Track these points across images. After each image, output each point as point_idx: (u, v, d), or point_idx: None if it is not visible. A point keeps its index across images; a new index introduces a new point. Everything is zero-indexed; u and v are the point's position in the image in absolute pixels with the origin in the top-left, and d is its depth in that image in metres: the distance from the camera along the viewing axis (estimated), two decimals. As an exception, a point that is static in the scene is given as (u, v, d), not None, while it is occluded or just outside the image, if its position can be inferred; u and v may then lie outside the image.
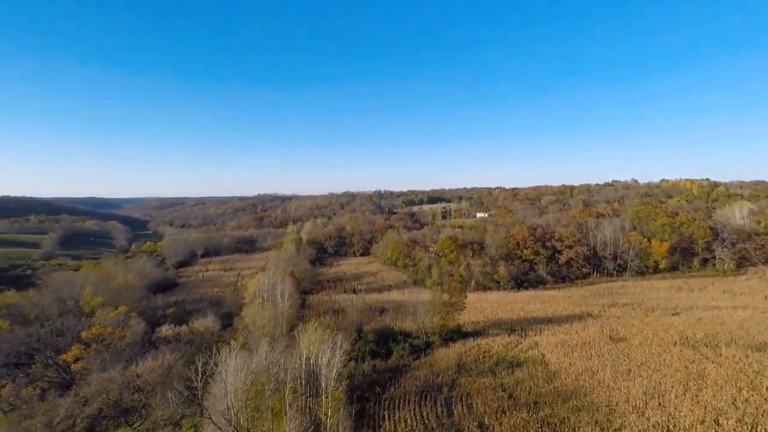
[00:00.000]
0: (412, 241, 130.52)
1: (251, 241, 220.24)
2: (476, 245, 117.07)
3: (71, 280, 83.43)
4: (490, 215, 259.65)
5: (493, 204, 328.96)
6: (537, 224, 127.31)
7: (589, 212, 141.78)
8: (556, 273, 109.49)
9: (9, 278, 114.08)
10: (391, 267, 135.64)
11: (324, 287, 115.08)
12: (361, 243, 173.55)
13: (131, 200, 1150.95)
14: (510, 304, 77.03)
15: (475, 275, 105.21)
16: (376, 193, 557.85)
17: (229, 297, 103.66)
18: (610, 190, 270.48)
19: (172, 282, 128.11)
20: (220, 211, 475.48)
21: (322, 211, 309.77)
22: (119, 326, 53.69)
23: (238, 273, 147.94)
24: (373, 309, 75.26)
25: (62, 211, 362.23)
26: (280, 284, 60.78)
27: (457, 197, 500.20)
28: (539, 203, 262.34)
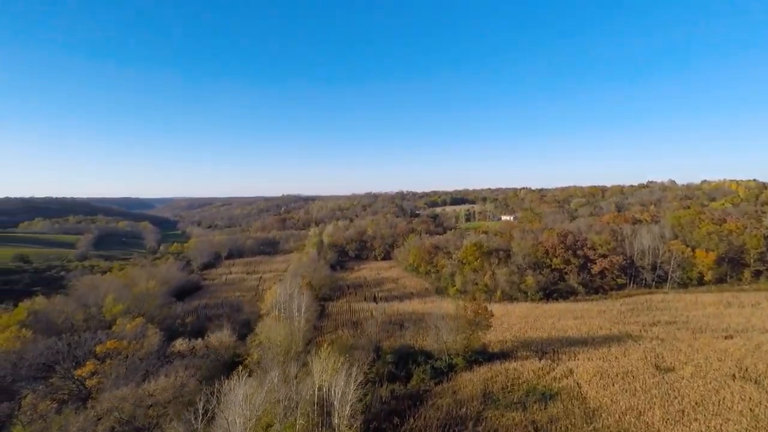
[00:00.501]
0: (435, 247, 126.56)
1: (274, 242, 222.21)
2: (502, 252, 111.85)
3: (97, 284, 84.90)
4: (516, 218, 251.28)
5: (519, 206, 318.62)
6: (567, 231, 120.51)
7: (624, 218, 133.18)
8: (589, 283, 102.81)
9: (44, 279, 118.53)
10: (412, 273, 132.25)
11: (344, 293, 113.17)
12: (382, 247, 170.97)
13: (163, 200, 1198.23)
14: (539, 320, 72.06)
15: (501, 285, 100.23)
16: (398, 194, 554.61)
17: (249, 303, 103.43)
18: (646, 192, 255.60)
19: (196, 285, 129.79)
20: (245, 212, 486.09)
21: (344, 213, 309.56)
22: (136, 338, 53.20)
23: (260, 276, 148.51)
24: (392, 322, 72.19)
25: (99, 212, 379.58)
26: (297, 297, 58.87)
27: (481, 198, 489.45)
28: (568, 206, 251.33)
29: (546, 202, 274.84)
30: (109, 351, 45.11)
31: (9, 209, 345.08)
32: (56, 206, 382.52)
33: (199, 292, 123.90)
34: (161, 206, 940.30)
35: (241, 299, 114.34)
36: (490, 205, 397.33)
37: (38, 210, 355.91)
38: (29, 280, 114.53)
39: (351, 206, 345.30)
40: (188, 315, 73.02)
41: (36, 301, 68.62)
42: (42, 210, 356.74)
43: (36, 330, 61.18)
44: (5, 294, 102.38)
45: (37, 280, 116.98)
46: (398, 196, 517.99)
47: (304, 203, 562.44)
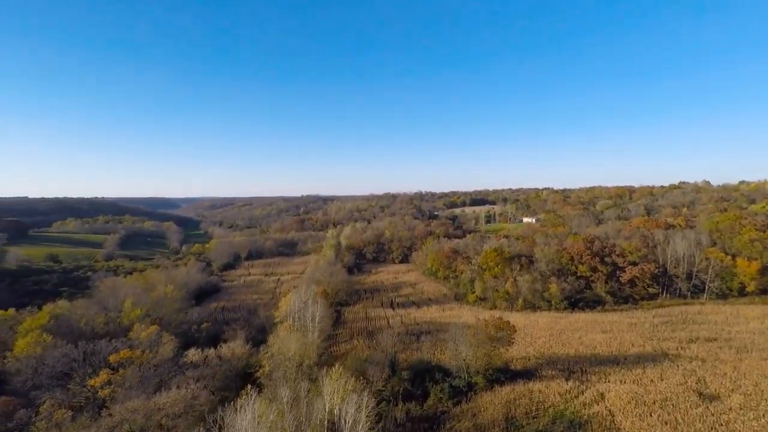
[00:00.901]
0: (454, 252, 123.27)
1: (292, 244, 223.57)
2: (524, 258, 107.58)
3: (118, 287, 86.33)
4: (538, 220, 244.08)
5: (541, 207, 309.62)
6: (594, 236, 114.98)
7: (656, 222, 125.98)
8: (617, 292, 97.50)
9: (72, 280, 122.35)
10: (430, 278, 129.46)
11: (361, 298, 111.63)
12: (400, 250, 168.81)
13: (188, 200, 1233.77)
14: (565, 332, 68.14)
15: (523, 292, 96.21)
16: (416, 195, 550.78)
17: (266, 307, 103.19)
18: (677, 194, 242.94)
19: (215, 287, 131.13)
20: (265, 212, 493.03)
21: (362, 214, 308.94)
22: (151, 346, 53.04)
23: (278, 279, 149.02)
24: (409, 332, 69.81)
25: (126, 212, 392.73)
26: (311, 306, 57.49)
27: (502, 199, 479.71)
28: (593, 208, 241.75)
29: (570, 204, 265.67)
30: (123, 360, 44.80)
31: (44, 209, 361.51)
32: (87, 206, 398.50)
33: (218, 294, 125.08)
34: (186, 206, 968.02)
35: (258, 302, 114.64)
36: (510, 206, 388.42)
37: (70, 210, 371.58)
38: (57, 280, 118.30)
39: (369, 207, 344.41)
40: (204, 320, 72.87)
41: (59, 304, 70.05)
42: (74, 210, 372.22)
43: (57, 334, 62.20)
44: (35, 294, 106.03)
45: (65, 280, 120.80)
46: (417, 197, 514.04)
47: (323, 204, 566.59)
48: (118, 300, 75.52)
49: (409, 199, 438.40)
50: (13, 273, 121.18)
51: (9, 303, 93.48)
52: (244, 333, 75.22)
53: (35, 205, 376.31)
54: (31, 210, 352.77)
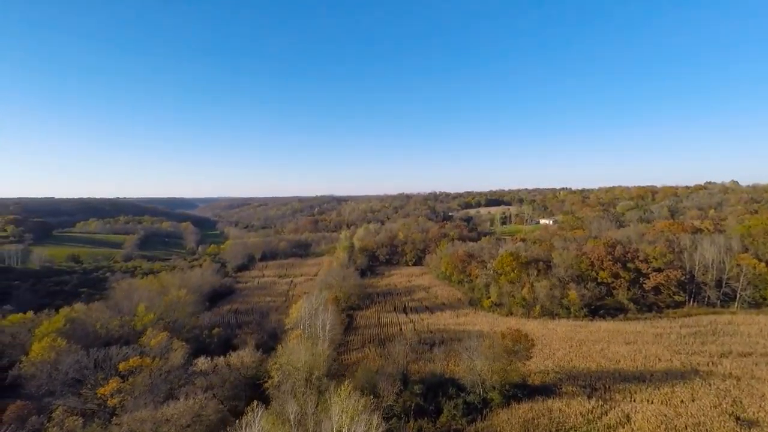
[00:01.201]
0: (468, 256, 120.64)
1: (306, 244, 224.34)
2: (542, 263, 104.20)
3: (134, 290, 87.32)
4: (556, 222, 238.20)
5: (559, 209, 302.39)
6: (615, 240, 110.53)
7: (682, 226, 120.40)
8: (640, 300, 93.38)
9: (91, 281, 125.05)
10: (444, 282, 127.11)
11: (373, 302, 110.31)
12: (413, 252, 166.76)
13: (205, 200, 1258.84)
14: (586, 344, 65.13)
15: (541, 299, 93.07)
16: (431, 195, 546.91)
17: (278, 311, 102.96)
18: (704, 195, 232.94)
19: (229, 289, 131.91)
20: (280, 212, 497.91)
21: (376, 215, 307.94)
22: (161, 353, 52.85)
23: (291, 280, 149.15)
24: (422, 341, 67.92)
25: (145, 213, 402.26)
26: (322, 314, 56.38)
27: (518, 200, 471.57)
28: (614, 209, 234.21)
29: (588, 205, 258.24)
30: (132, 369, 44.57)
31: (68, 209, 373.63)
32: (109, 207, 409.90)
33: (231, 296, 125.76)
34: (203, 206, 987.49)
35: (271, 304, 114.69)
36: (527, 207, 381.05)
37: (93, 210, 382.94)
38: (77, 281, 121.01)
39: (383, 208, 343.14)
40: (216, 325, 72.69)
41: (75, 308, 70.99)
42: (97, 210, 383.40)
43: (73, 338, 62.90)
44: (55, 295, 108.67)
45: (84, 281, 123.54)
46: (431, 197, 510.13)
47: (337, 204, 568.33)
48: (132, 303, 76.16)
49: (423, 200, 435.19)
50: (35, 273, 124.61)
51: (30, 303, 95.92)
52: (256, 338, 74.84)
53: (60, 206, 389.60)
54: (56, 210, 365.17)
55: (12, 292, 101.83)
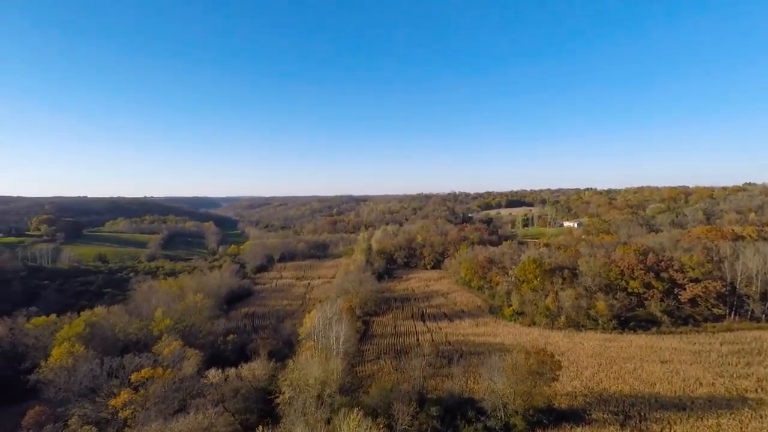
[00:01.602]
0: (489, 261, 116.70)
1: (324, 246, 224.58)
2: (567, 271, 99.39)
3: (153, 293, 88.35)
4: (580, 225, 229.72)
5: (584, 211, 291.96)
6: (647, 247, 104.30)
7: (720, 233, 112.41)
8: (675, 312, 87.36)
9: (115, 281, 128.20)
10: (463, 287, 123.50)
11: (390, 307, 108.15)
12: (432, 255, 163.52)
13: (229, 199, 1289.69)
14: (616, 362, 60.80)
15: (566, 309, 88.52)
16: (450, 195, 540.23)
17: (295, 315, 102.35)
18: (743, 197, 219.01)
19: (247, 291, 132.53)
20: (299, 212, 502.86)
21: (394, 216, 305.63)
22: (174, 363, 52.36)
23: (309, 283, 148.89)
24: (440, 354, 65.13)
25: (170, 212, 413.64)
26: (336, 325, 54.61)
27: (540, 200, 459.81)
28: (643, 212, 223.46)
29: (616, 207, 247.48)
30: (143, 380, 44.03)
31: (98, 209, 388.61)
32: (136, 206, 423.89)
33: (249, 299, 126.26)
34: (226, 205, 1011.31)
35: (288, 308, 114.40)
36: (550, 208, 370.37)
37: (122, 210, 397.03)
38: (102, 281, 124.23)
39: (401, 209, 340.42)
40: (231, 331, 72.23)
41: (95, 312, 71.97)
42: (125, 210, 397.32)
43: (92, 342, 63.60)
44: (80, 295, 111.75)
45: (109, 281, 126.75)
46: (450, 198, 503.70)
47: (356, 204, 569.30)
48: (150, 307, 76.76)
49: (442, 201, 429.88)
50: (64, 273, 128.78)
51: (57, 304, 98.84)
52: (271, 344, 74.14)
53: (91, 205, 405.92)
54: (87, 209, 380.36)
55: (40, 292, 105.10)
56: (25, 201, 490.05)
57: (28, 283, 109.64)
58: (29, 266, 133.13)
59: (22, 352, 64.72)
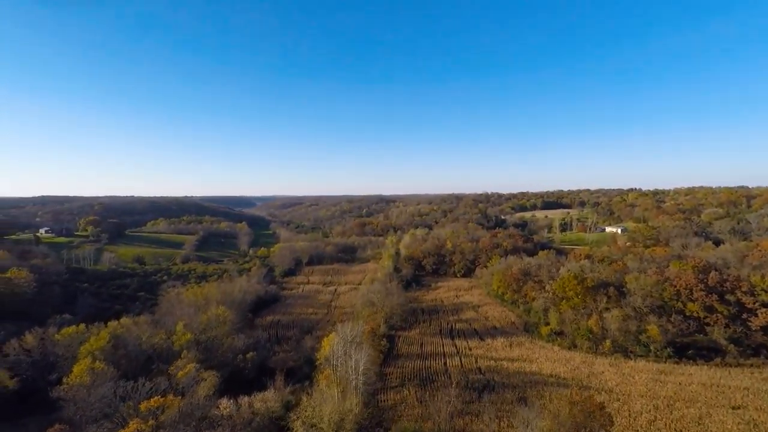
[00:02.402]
0: (524, 274, 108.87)
1: (352, 249, 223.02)
2: (612, 288, 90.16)
3: (179, 302, 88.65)
4: (625, 231, 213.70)
5: (628, 214, 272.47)
6: (708, 263, 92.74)
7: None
8: (743, 340, 76.50)
9: (148, 284, 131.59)
10: (495, 300, 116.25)
11: (417, 320, 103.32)
12: (462, 263, 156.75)
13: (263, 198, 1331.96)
14: (676, 405, 52.65)
15: (612, 332, 79.92)
16: (482, 196, 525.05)
17: (319, 325, 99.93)
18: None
19: (274, 297, 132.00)
20: (329, 213, 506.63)
21: (424, 219, 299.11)
22: (189, 385, 50.54)
23: (335, 289, 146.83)
24: (470, 385, 59.40)
25: (206, 212, 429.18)
26: (355, 354, 50.63)
27: (579, 202, 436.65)
28: (698, 218, 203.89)
29: (665, 212, 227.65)
30: (153, 409, 42.09)
31: (141, 209, 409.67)
32: (175, 207, 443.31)
33: (275, 305, 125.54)
34: (261, 204, 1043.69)
35: (312, 317, 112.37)
36: (590, 211, 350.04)
37: (162, 210, 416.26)
38: (136, 285, 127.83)
39: (431, 211, 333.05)
40: (251, 348, 70.24)
41: (121, 322, 72.37)
42: (165, 210, 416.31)
43: (117, 354, 63.51)
44: (115, 299, 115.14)
45: (143, 284, 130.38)
46: (482, 198, 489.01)
47: (385, 205, 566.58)
48: (175, 318, 76.51)
49: (473, 202, 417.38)
50: (102, 276, 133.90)
51: (92, 307, 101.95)
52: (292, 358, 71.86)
53: (135, 205, 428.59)
54: (131, 210, 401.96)
55: (78, 295, 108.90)
56: (79, 201, 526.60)
57: (69, 287, 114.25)
58: (72, 268, 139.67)
59: (53, 362, 65.85)
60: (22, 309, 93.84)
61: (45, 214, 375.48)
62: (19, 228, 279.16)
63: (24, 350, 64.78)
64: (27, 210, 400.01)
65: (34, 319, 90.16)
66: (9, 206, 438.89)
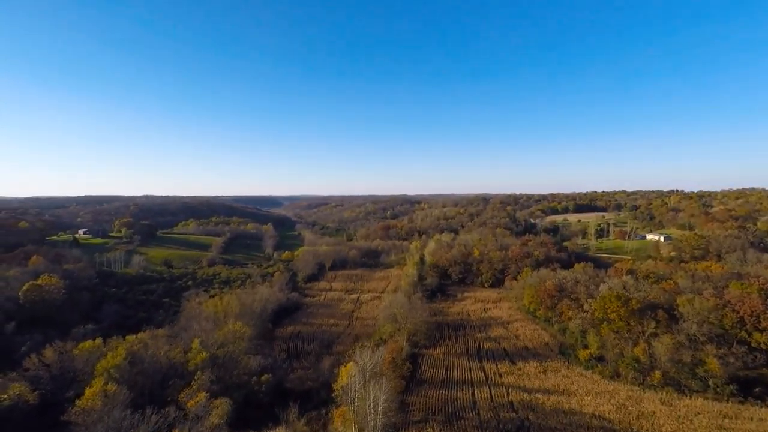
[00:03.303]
0: (559, 290, 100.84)
1: (376, 253, 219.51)
2: (661, 311, 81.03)
3: (199, 315, 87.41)
4: (668, 240, 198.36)
5: (671, 220, 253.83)
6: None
7: None
8: (823, 377, 66.28)
9: (174, 290, 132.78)
10: (527, 316, 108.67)
11: (443, 336, 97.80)
12: (490, 272, 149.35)
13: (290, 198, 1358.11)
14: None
15: (662, 363, 71.40)
16: (510, 197, 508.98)
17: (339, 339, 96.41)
18: None
19: (296, 304, 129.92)
20: (353, 215, 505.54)
21: (449, 223, 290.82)
22: (199, 414, 47.77)
23: (357, 297, 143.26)
24: (501, 425, 53.53)
25: (234, 213, 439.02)
26: (374, 389, 46.03)
27: (614, 205, 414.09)
28: (754, 226, 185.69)
29: (715, 219, 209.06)
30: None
31: (173, 210, 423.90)
32: (205, 208, 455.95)
33: (297, 314, 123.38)
34: (288, 204, 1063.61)
35: (333, 329, 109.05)
36: (628, 215, 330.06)
37: (192, 211, 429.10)
38: (162, 290, 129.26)
39: (457, 215, 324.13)
40: (266, 370, 67.22)
41: (139, 337, 71.34)
42: (195, 211, 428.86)
43: (130, 374, 62.09)
44: (140, 305, 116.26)
45: (168, 289, 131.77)
46: (510, 200, 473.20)
47: (410, 206, 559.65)
48: (193, 332, 74.98)
49: (501, 205, 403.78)
50: (130, 280, 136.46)
51: (116, 314, 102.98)
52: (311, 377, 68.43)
53: (168, 206, 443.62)
54: (164, 211, 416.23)
55: (104, 301, 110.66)
56: (119, 200, 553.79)
57: (98, 291, 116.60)
58: (103, 271, 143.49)
59: (72, 377, 65.46)
60: (51, 315, 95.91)
61: (86, 215, 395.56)
62: (62, 228, 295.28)
63: (43, 365, 64.65)
64: (70, 210, 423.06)
65: (62, 326, 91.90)
66: (55, 206, 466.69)
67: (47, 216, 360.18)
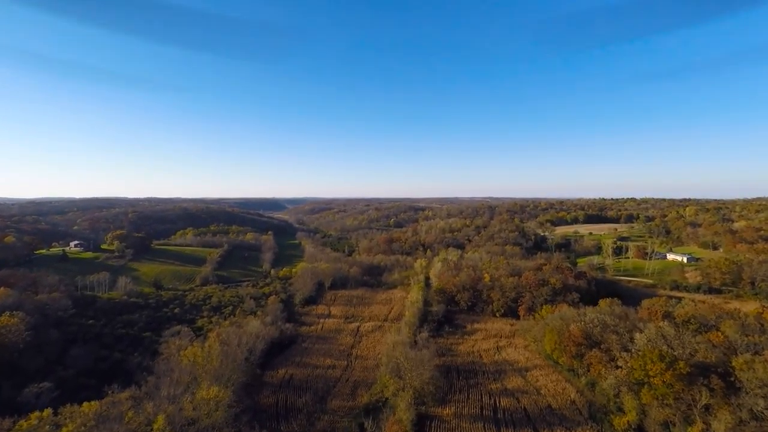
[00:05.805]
0: (586, 337, 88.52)
1: (378, 270, 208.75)
2: (715, 377, 68.55)
3: (173, 366, 76.29)
4: (691, 260, 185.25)
5: (691, 237, 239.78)
6: None
7: None
8: None
9: (156, 320, 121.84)
10: (548, 362, 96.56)
11: (452, 388, 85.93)
12: (502, 300, 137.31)
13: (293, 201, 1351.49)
14: None
15: (722, 447, 59.05)
16: (517, 205, 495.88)
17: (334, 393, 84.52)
18: None
19: (290, 338, 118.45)
20: (356, 222, 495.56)
21: (455, 236, 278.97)
22: None
23: (358, 326, 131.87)
24: None
25: (234, 220, 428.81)
26: None
27: (626, 216, 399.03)
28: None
29: (745, 240, 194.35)
30: None
31: (172, 217, 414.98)
32: (205, 215, 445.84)
33: (291, 349, 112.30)
34: (291, 207, 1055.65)
35: (329, 374, 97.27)
36: (642, 227, 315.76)
37: (192, 218, 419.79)
38: (144, 321, 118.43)
39: (463, 227, 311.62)
40: None
41: (95, 410, 59.67)
42: (194, 218, 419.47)
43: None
44: (119, 341, 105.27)
45: (151, 320, 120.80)
46: (517, 209, 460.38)
47: (414, 213, 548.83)
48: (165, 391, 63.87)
49: (508, 214, 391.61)
50: (111, 309, 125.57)
51: (87, 357, 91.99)
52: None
53: (167, 213, 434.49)
54: (163, 218, 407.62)
55: (77, 339, 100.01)
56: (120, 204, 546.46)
57: (70, 327, 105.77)
58: (84, 297, 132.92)
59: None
60: (11, 361, 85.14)
61: (83, 222, 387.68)
62: (56, 238, 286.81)
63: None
64: (68, 217, 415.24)
65: (20, 377, 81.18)
66: (55, 212, 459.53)
67: (44, 223, 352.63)
